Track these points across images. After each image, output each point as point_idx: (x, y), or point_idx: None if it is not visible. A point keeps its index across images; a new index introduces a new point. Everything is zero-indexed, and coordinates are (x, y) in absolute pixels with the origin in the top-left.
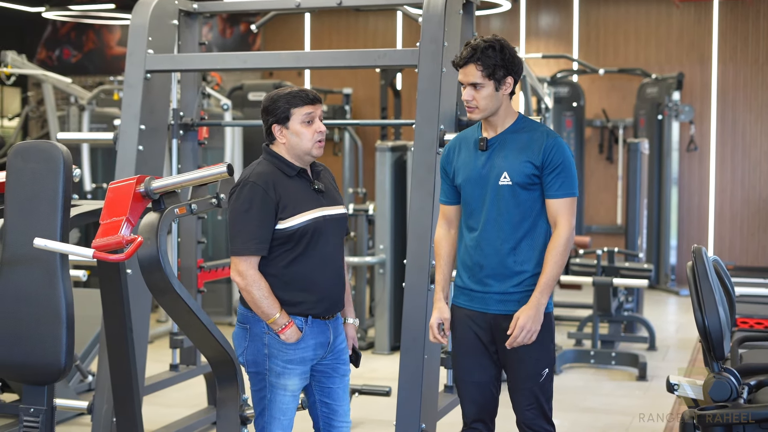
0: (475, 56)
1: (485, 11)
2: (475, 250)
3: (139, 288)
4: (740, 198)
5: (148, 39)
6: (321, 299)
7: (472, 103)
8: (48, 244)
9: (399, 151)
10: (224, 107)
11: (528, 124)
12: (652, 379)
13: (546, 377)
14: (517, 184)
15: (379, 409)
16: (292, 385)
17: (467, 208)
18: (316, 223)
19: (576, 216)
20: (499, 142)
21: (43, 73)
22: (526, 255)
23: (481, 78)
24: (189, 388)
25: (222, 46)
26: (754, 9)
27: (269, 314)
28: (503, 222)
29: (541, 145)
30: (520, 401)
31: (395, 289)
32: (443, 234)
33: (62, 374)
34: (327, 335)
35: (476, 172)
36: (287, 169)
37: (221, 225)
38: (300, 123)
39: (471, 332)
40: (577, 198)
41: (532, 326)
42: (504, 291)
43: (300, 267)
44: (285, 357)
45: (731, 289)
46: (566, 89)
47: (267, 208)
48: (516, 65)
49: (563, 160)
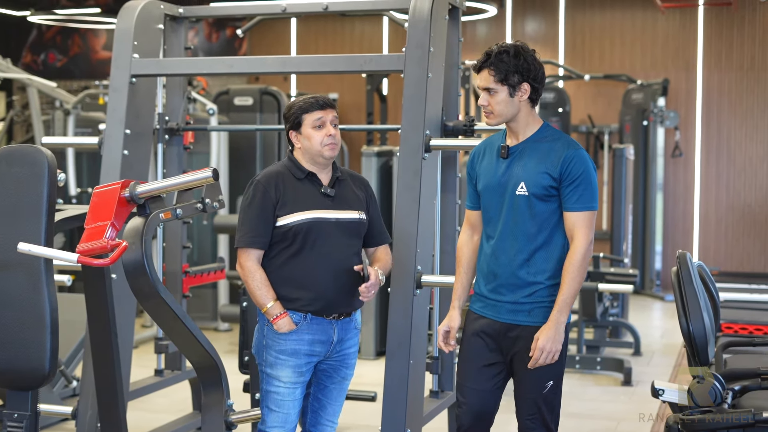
0: (488, 61)
1: (471, 17)
2: (491, 258)
3: (124, 293)
4: (725, 204)
5: (134, 43)
6: (316, 298)
7: (487, 108)
8: (32, 249)
9: (385, 156)
10: (210, 112)
11: (551, 133)
12: (637, 384)
13: (550, 389)
14: (534, 195)
15: (365, 414)
16: (284, 376)
17: (486, 215)
18: (312, 223)
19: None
20: (521, 151)
21: (28, 77)
22: (540, 266)
23: (494, 83)
24: (174, 394)
25: (208, 51)
26: (739, 15)
27: (262, 304)
28: (518, 233)
29: (561, 156)
30: (522, 410)
31: (381, 295)
32: (465, 240)
33: (46, 379)
34: (329, 335)
35: (495, 179)
36: (297, 171)
37: (207, 230)
38: (311, 127)
39: (479, 339)
40: (596, 212)
41: (552, 347)
42: (515, 301)
43: (296, 265)
44: (277, 347)
45: (716, 294)
46: (552, 95)
47: (266, 204)
48: (533, 72)
49: (583, 172)
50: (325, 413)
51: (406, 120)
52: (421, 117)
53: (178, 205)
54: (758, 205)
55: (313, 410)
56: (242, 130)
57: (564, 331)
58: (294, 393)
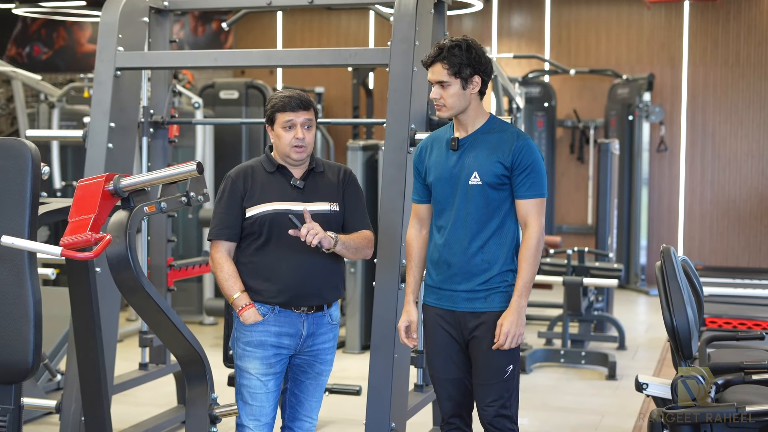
0: (441, 55)
1: (457, 11)
2: (444, 248)
3: (108, 286)
4: (710, 198)
5: (119, 36)
6: (282, 290)
7: (440, 101)
8: (15, 242)
9: (370, 150)
10: (195, 105)
11: (498, 124)
12: (621, 378)
13: (510, 374)
14: (487, 183)
15: (350, 408)
16: (252, 368)
17: (437, 206)
18: (275, 214)
19: (546, 216)
20: (470, 142)
21: (13, 69)
22: (493, 254)
23: (447, 76)
24: (158, 387)
25: (194, 44)
26: (725, 11)
27: (229, 295)
28: (471, 221)
29: (511, 146)
30: (483, 397)
31: (366, 289)
32: (414, 234)
33: (30, 373)
34: (297, 327)
35: (447, 171)
36: (268, 164)
37: (192, 223)
38: (281, 127)
39: (442, 330)
40: (546, 198)
41: (516, 330)
42: (470, 289)
43: (263, 256)
44: (244, 339)
45: (700, 289)
46: (538, 89)
47: (234, 197)
48: (483, 65)
49: (533, 161)
50: (303, 409)
51: (391, 114)
52: (406, 111)
53: (162, 199)
54: (742, 201)
55: (290, 406)
56: (228, 123)
57: (524, 316)
58: (266, 385)
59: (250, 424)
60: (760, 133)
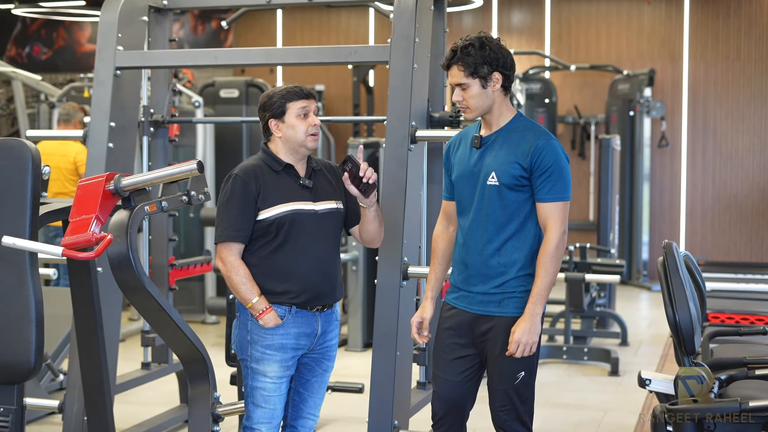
0: (455, 57)
1: (457, 8)
2: (463, 248)
3: (110, 286)
4: (711, 194)
5: (118, 36)
6: (302, 290)
7: (462, 103)
8: (16, 243)
9: (371, 148)
10: (196, 104)
11: (523, 123)
12: (624, 375)
13: (522, 380)
14: (504, 185)
15: (352, 406)
16: (271, 371)
17: (459, 205)
18: (294, 215)
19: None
20: (493, 141)
21: (13, 70)
22: (510, 257)
23: (464, 78)
24: (161, 387)
25: (194, 43)
26: (725, 6)
27: (247, 299)
28: (489, 222)
29: (531, 147)
30: (494, 401)
31: (368, 286)
32: (441, 231)
33: (32, 373)
34: (313, 327)
35: (468, 169)
36: (274, 164)
37: (193, 222)
38: (295, 116)
39: (451, 330)
40: (569, 202)
41: (529, 339)
42: (485, 292)
43: (280, 258)
44: (264, 342)
45: (702, 284)
46: (538, 85)
47: (247, 198)
48: (501, 60)
49: (554, 162)
50: (306, 406)
51: (391, 111)
52: (406, 108)
53: (163, 198)
54: (744, 195)
55: (294, 404)
56: (228, 122)
57: (540, 323)
58: (280, 388)
59: (262, 427)
60: (762, 128)
